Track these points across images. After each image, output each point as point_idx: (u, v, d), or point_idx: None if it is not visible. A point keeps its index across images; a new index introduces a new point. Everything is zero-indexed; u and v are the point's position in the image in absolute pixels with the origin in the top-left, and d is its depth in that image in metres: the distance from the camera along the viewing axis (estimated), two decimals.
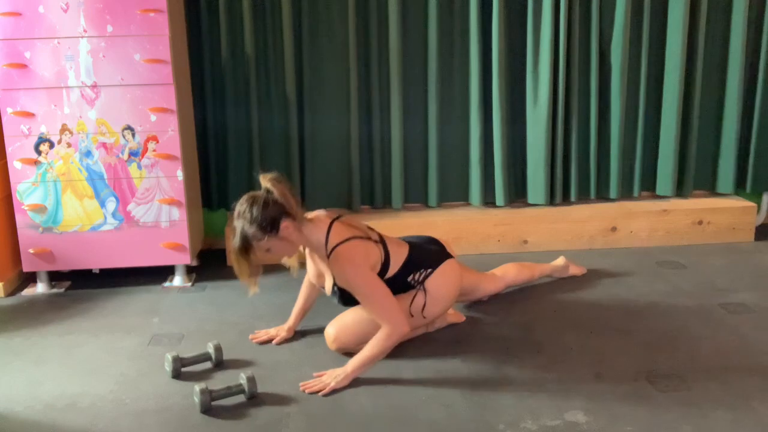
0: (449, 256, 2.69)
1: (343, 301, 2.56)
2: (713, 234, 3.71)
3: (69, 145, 3.12)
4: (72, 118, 3.10)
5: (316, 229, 2.43)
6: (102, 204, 3.18)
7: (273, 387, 2.40)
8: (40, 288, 3.28)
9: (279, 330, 2.76)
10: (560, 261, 3.26)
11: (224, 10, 3.50)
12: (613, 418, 2.17)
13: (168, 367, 2.48)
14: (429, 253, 2.65)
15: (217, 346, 2.57)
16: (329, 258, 2.42)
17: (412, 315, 2.56)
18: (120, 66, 3.07)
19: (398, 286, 2.55)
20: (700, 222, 3.69)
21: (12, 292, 3.27)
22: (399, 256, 2.56)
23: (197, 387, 2.26)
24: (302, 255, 2.62)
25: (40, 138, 3.11)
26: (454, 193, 3.83)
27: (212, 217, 3.80)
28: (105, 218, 3.19)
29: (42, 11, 3.01)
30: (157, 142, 3.15)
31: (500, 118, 3.64)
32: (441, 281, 2.60)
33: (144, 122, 3.13)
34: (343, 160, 3.71)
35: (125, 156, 3.15)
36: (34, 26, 3.02)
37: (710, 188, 3.90)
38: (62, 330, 2.88)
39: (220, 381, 2.42)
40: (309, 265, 2.69)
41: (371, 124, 3.68)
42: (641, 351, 2.58)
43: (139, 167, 3.16)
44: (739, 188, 3.87)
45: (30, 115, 3.09)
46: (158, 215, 3.21)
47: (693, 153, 3.78)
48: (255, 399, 2.32)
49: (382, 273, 2.51)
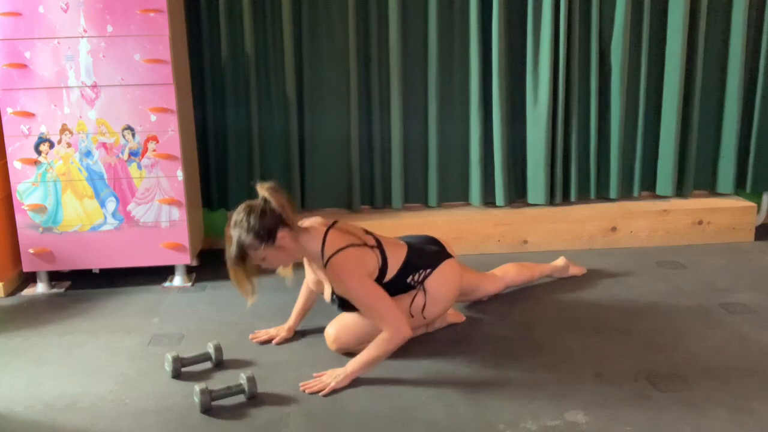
0: (449, 256, 2.69)
1: (343, 308, 2.56)
2: (713, 234, 3.71)
3: (69, 145, 3.12)
4: (72, 118, 3.10)
5: (312, 239, 2.42)
6: (102, 204, 3.18)
7: (273, 387, 2.40)
8: (40, 288, 3.28)
9: (279, 330, 2.76)
10: (560, 261, 3.26)
11: (224, 10, 3.50)
12: (613, 418, 2.17)
13: (168, 367, 2.48)
14: (428, 254, 2.64)
15: (217, 346, 2.57)
16: (326, 268, 2.42)
17: (412, 315, 2.55)
18: (120, 66, 3.07)
19: (398, 288, 2.54)
20: (700, 222, 3.69)
21: (12, 292, 3.27)
22: (397, 259, 2.55)
23: (197, 387, 2.26)
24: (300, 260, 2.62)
25: (40, 138, 3.11)
26: (454, 193, 3.83)
27: (212, 217, 3.80)
28: (105, 218, 3.19)
29: (42, 11, 3.01)
30: (157, 142, 3.15)
31: (500, 118, 3.64)
32: (441, 281, 2.60)
33: (144, 122, 3.13)
34: (343, 160, 3.71)
35: (125, 156, 3.15)
36: (34, 26, 3.02)
37: (710, 188, 3.90)
38: (62, 330, 2.88)
39: (220, 381, 2.42)
40: (308, 272, 2.69)
41: (371, 124, 3.68)
42: (641, 351, 2.58)
43: (139, 167, 3.16)
44: (739, 188, 3.88)
45: (30, 115, 3.09)
46: (158, 215, 3.21)
47: (693, 153, 3.78)
48: (255, 399, 2.32)
49: (380, 277, 2.51)
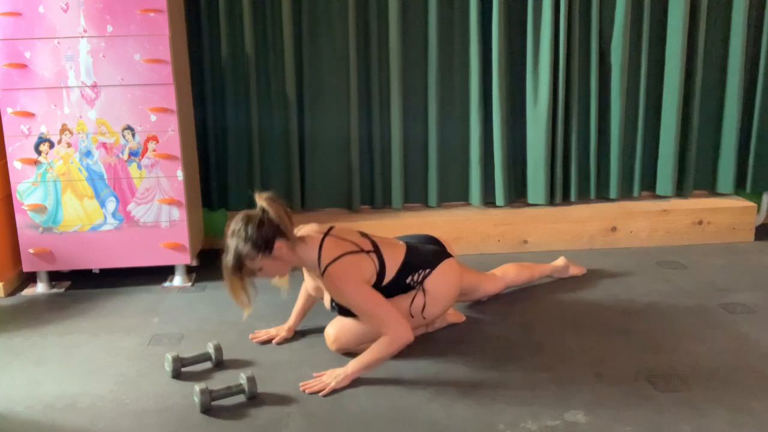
0: (448, 255, 2.68)
1: (343, 314, 2.56)
2: (713, 234, 3.71)
3: (69, 145, 3.12)
4: (72, 118, 3.10)
5: (309, 248, 2.42)
6: (102, 204, 3.18)
7: (273, 387, 2.40)
8: (40, 288, 3.28)
9: (279, 330, 2.76)
10: (560, 261, 3.26)
11: (224, 10, 3.50)
12: (613, 418, 2.17)
13: (168, 367, 2.48)
14: (427, 253, 2.64)
15: (217, 346, 2.57)
16: (323, 277, 2.42)
17: (413, 315, 2.55)
18: (120, 66, 3.07)
19: (397, 288, 2.54)
20: (700, 222, 3.69)
21: (12, 292, 3.27)
22: (395, 261, 2.54)
23: (197, 387, 2.26)
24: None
25: (40, 138, 3.11)
26: (454, 193, 3.83)
27: (212, 217, 3.80)
28: (105, 218, 3.19)
29: (42, 11, 3.01)
30: (157, 142, 3.15)
31: (500, 118, 3.64)
32: (440, 281, 2.59)
33: (144, 122, 3.13)
34: (343, 160, 3.71)
35: (125, 156, 3.15)
36: (34, 26, 3.02)
37: (710, 188, 3.90)
38: (62, 330, 2.88)
39: (220, 381, 2.42)
40: (307, 278, 2.69)
41: (371, 124, 3.68)
42: (641, 351, 2.58)
43: (139, 167, 3.16)
44: (739, 188, 3.87)
45: (30, 115, 3.09)
46: (158, 215, 3.21)
47: (693, 153, 3.78)
48: (255, 399, 2.32)
49: (379, 280, 2.50)
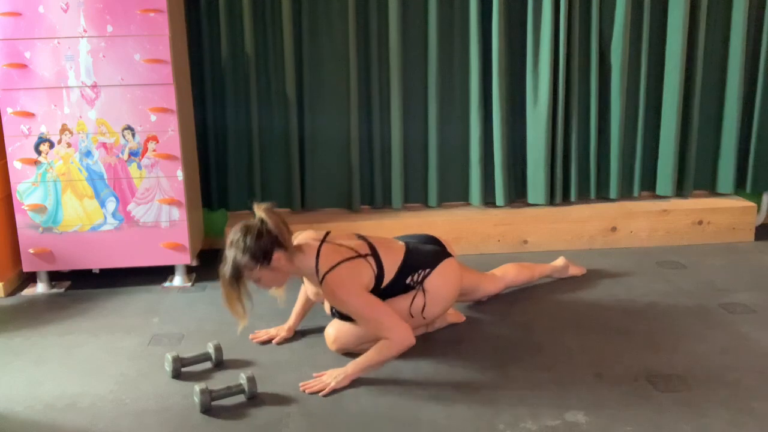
0: (448, 255, 2.68)
1: (343, 320, 2.56)
2: (713, 234, 3.71)
3: (69, 145, 3.12)
4: (72, 118, 3.10)
5: (306, 257, 2.42)
6: (102, 204, 3.18)
7: (273, 387, 2.40)
8: (40, 288, 3.28)
9: (279, 330, 2.76)
10: (560, 261, 3.26)
11: (224, 10, 3.50)
12: (613, 418, 2.17)
13: (168, 367, 2.48)
14: (427, 253, 2.64)
15: (217, 346, 2.57)
16: (321, 285, 2.42)
17: (413, 316, 2.55)
18: (120, 66, 3.07)
19: (397, 289, 2.54)
20: (700, 222, 3.69)
21: (12, 292, 3.27)
22: (393, 262, 2.54)
23: (197, 387, 2.26)
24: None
25: (40, 138, 3.11)
26: (454, 193, 3.83)
27: (212, 217, 3.80)
28: (105, 218, 3.19)
29: (42, 11, 3.01)
30: (157, 142, 3.15)
31: (500, 118, 3.64)
32: (440, 281, 2.59)
33: (144, 122, 3.13)
34: (343, 160, 3.71)
35: (125, 156, 3.15)
36: (34, 26, 3.02)
37: (710, 188, 3.90)
38: (62, 330, 2.88)
39: (220, 381, 2.42)
40: (307, 285, 2.69)
41: (371, 124, 3.68)
42: (641, 351, 2.58)
43: (139, 167, 3.16)
44: (739, 188, 3.87)
45: (30, 115, 3.09)
46: (158, 215, 3.21)
47: (693, 153, 3.78)
48: (255, 399, 2.32)
49: (378, 283, 2.50)
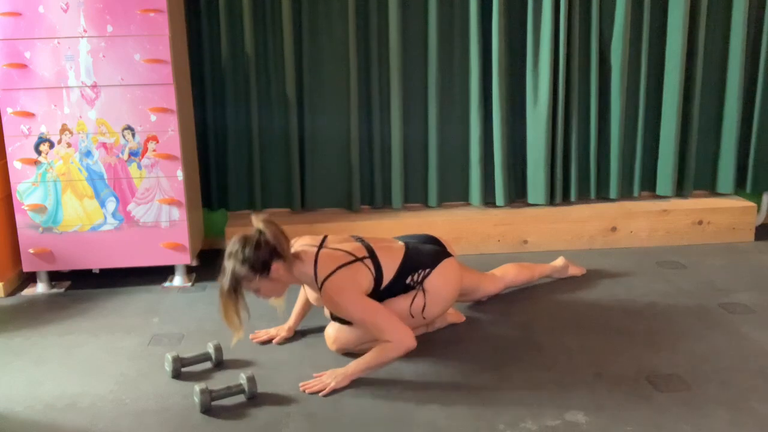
0: (448, 255, 2.68)
1: (343, 323, 2.56)
2: (713, 234, 3.71)
3: (69, 145, 3.12)
4: (72, 118, 3.10)
5: (305, 265, 2.42)
6: (102, 204, 3.18)
7: (273, 387, 2.40)
8: (40, 288, 3.28)
9: (279, 330, 2.76)
10: (560, 261, 3.26)
11: (224, 10, 3.50)
12: (613, 418, 2.17)
13: (168, 367, 2.48)
14: (426, 253, 2.64)
15: (217, 346, 2.57)
16: (321, 292, 2.42)
17: (413, 316, 2.55)
18: (120, 66, 3.07)
19: (397, 290, 2.54)
20: (700, 222, 3.69)
21: (12, 292, 3.27)
22: (393, 262, 2.54)
23: (197, 387, 2.26)
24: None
25: (40, 138, 3.11)
26: (454, 193, 3.83)
27: (212, 217, 3.80)
28: (105, 218, 3.19)
29: (42, 11, 3.01)
30: (157, 142, 3.15)
31: (500, 118, 3.64)
32: (440, 281, 2.59)
33: (144, 122, 3.13)
34: (343, 160, 3.71)
35: (125, 156, 3.15)
36: (34, 26, 3.02)
37: (710, 188, 3.90)
38: (62, 330, 2.88)
39: (220, 381, 2.42)
40: (308, 290, 2.68)
41: (371, 124, 3.68)
42: (641, 351, 2.58)
43: (139, 167, 3.16)
44: (739, 188, 3.87)
45: (30, 115, 3.09)
46: (158, 215, 3.21)
47: (693, 153, 3.78)
48: (255, 399, 2.32)
49: (377, 285, 2.50)
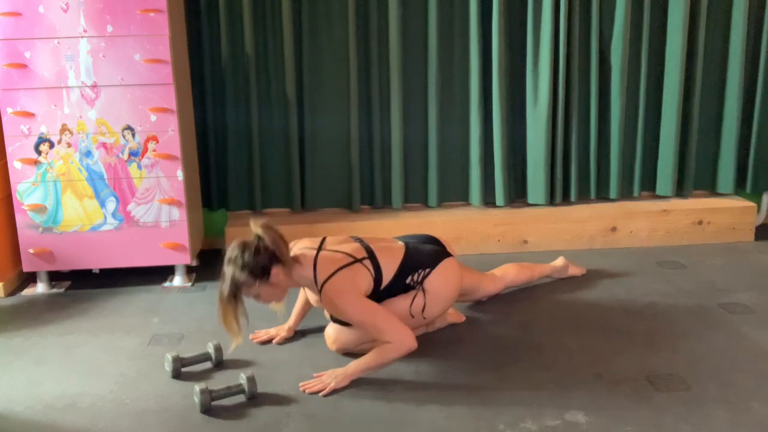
0: (448, 255, 2.68)
1: (343, 325, 2.56)
2: (713, 234, 3.71)
3: (69, 145, 3.12)
4: (72, 118, 3.10)
5: (304, 269, 2.42)
6: (102, 204, 3.18)
7: (273, 387, 2.40)
8: (40, 288, 3.28)
9: (279, 330, 2.76)
10: (559, 261, 3.26)
11: (224, 10, 3.50)
12: (613, 418, 2.17)
13: (168, 367, 2.48)
14: (426, 253, 2.64)
15: (217, 346, 2.57)
16: (320, 294, 2.43)
17: (413, 316, 2.55)
18: (120, 66, 3.07)
19: (397, 290, 2.54)
20: (700, 222, 3.69)
21: (12, 292, 3.27)
22: (392, 262, 2.54)
23: (197, 387, 2.26)
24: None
25: (40, 138, 3.11)
26: (454, 193, 3.83)
27: (212, 217, 3.80)
28: (105, 218, 3.19)
29: (42, 11, 3.01)
30: (157, 142, 3.15)
31: (500, 118, 3.64)
32: (441, 281, 2.59)
33: (144, 122, 3.13)
34: (343, 160, 3.71)
35: (125, 156, 3.15)
36: (34, 26, 3.02)
37: (710, 188, 3.90)
38: (62, 330, 2.88)
39: (220, 381, 2.42)
40: (309, 293, 2.68)
41: (371, 124, 3.68)
42: (641, 351, 2.58)
43: (139, 167, 3.16)
44: (739, 188, 3.87)
45: (30, 115, 3.09)
46: (158, 215, 3.21)
47: (693, 153, 3.78)
48: (255, 399, 2.32)
49: (377, 286, 2.50)
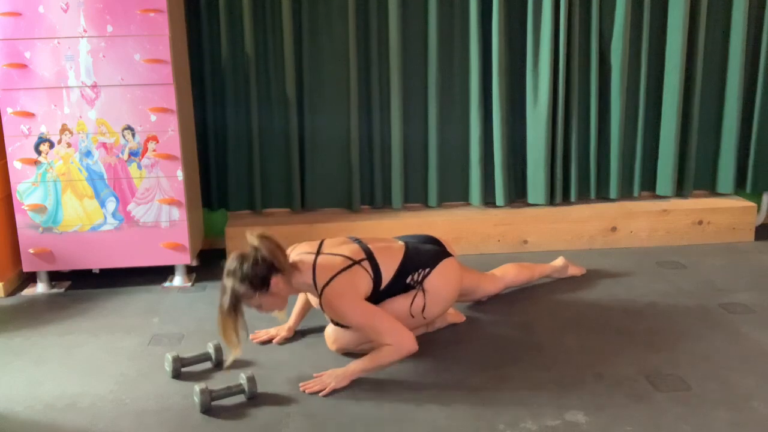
0: (448, 255, 2.68)
1: (343, 327, 2.56)
2: (713, 234, 3.71)
3: (69, 145, 3.12)
4: (72, 118, 3.10)
5: (303, 275, 2.42)
6: (102, 204, 3.18)
7: (273, 387, 2.40)
8: (40, 288, 3.28)
9: (279, 330, 2.76)
10: (559, 261, 3.26)
11: (224, 10, 3.50)
12: (613, 418, 2.17)
13: (168, 367, 2.48)
14: (426, 253, 2.64)
15: (217, 346, 2.57)
16: (320, 299, 2.43)
17: (413, 316, 2.55)
18: (120, 66, 3.07)
19: (397, 290, 2.54)
20: (700, 222, 3.69)
21: (12, 292, 3.27)
22: (392, 263, 2.54)
23: (197, 387, 2.26)
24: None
25: (40, 138, 3.11)
26: (454, 193, 3.83)
27: (212, 217, 3.80)
28: (105, 218, 3.19)
29: (42, 11, 3.01)
30: (157, 142, 3.15)
31: (500, 118, 3.64)
32: (440, 281, 2.59)
33: (144, 122, 3.13)
34: (343, 160, 3.71)
35: (125, 156, 3.15)
36: (34, 26, 3.02)
37: (710, 188, 3.90)
38: (62, 330, 2.88)
39: (220, 381, 2.42)
40: (309, 297, 2.68)
41: (371, 124, 3.68)
42: (641, 351, 2.58)
43: (139, 167, 3.16)
44: (739, 188, 3.87)
45: (30, 115, 3.09)
46: (158, 215, 3.21)
47: (693, 153, 3.78)
48: (255, 399, 2.32)
49: (376, 286, 2.51)
